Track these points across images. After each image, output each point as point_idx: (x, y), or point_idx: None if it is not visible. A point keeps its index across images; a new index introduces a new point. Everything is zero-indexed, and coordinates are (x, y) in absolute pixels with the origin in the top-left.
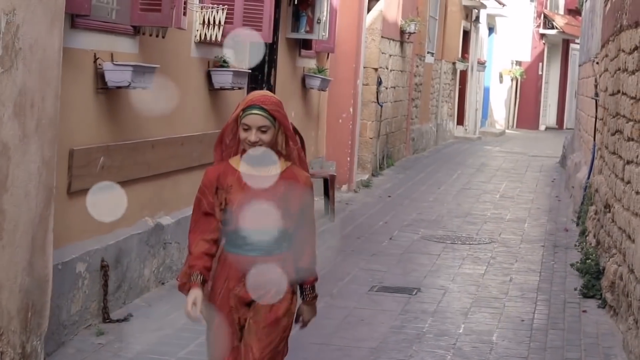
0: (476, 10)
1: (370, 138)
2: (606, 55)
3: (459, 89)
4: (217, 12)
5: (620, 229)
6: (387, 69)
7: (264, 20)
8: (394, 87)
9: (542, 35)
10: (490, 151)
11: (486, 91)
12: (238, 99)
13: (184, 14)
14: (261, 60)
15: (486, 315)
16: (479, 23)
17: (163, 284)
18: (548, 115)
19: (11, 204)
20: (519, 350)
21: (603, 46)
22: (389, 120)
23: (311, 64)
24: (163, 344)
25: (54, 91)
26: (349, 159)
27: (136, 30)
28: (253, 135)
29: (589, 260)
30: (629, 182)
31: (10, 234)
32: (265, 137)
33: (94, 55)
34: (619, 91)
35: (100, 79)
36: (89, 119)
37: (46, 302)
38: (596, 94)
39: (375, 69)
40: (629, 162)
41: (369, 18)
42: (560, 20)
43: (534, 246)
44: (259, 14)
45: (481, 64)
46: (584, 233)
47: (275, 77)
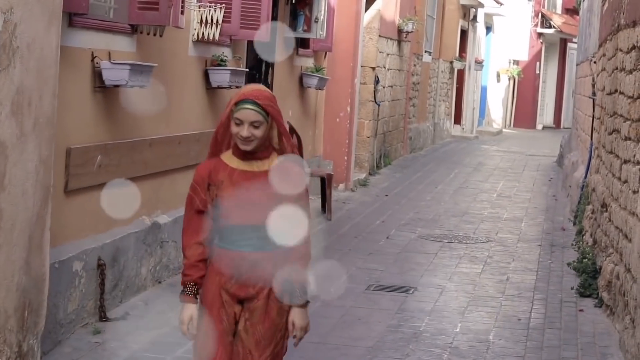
0: (474, 9)
1: (368, 137)
2: (604, 55)
3: (457, 88)
4: (215, 11)
5: (617, 228)
6: (385, 68)
7: (261, 19)
8: (392, 86)
9: (540, 35)
10: (488, 150)
11: (483, 90)
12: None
13: (182, 12)
14: (259, 59)
15: (483, 314)
16: (477, 22)
17: (160, 282)
18: (545, 114)
19: (8, 202)
20: (516, 349)
21: (601, 45)
22: (387, 119)
23: (309, 62)
24: (160, 343)
25: (51, 90)
26: (346, 157)
27: (134, 29)
28: (245, 131)
29: (586, 260)
30: (626, 182)
31: (8, 233)
32: (258, 133)
33: (92, 54)
34: (616, 90)
35: (97, 78)
36: (86, 117)
37: (43, 301)
38: (593, 93)
39: (373, 68)
40: (626, 162)
41: (367, 17)
42: (557, 20)
43: (530, 245)
44: (256, 12)
45: (479, 63)
46: (580, 232)
47: (272, 76)
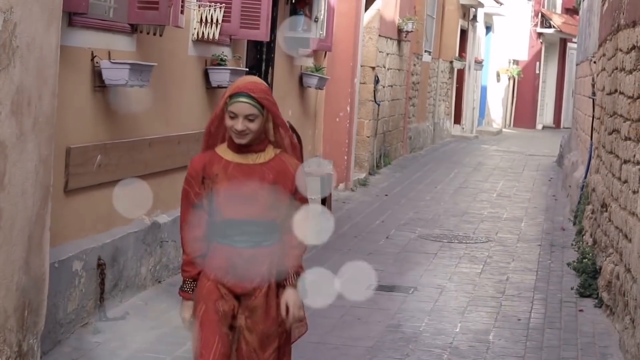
0: (474, 9)
1: (368, 137)
2: (603, 55)
3: (456, 88)
4: (215, 11)
5: (617, 228)
6: (385, 67)
7: (261, 18)
8: (391, 86)
9: (540, 34)
10: (487, 150)
11: (483, 90)
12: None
13: (182, 12)
14: (258, 59)
15: (483, 314)
16: (477, 22)
17: (160, 282)
18: (545, 114)
19: (8, 202)
20: (516, 349)
21: (600, 45)
22: (386, 119)
23: (308, 62)
24: (160, 343)
25: (51, 89)
26: (346, 157)
27: (133, 29)
28: (240, 124)
29: (586, 260)
30: (625, 182)
31: (7, 232)
32: (253, 126)
33: (92, 54)
34: (616, 90)
35: (97, 77)
36: (86, 117)
37: (43, 301)
38: (593, 93)
39: (373, 68)
40: (626, 162)
41: (367, 17)
42: (557, 19)
43: (530, 245)
44: (256, 12)
45: (478, 63)
46: (580, 232)
47: (272, 76)
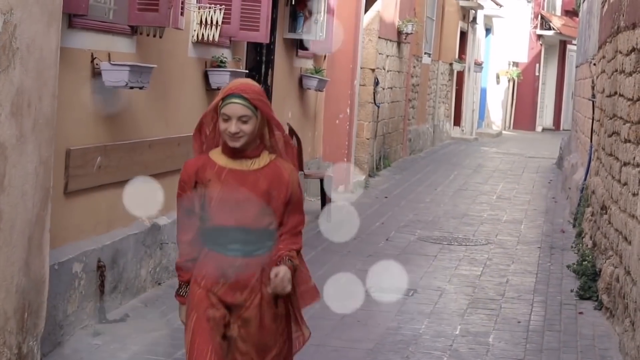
0: (473, 11)
1: (367, 139)
2: (603, 57)
3: (456, 90)
4: (215, 12)
5: (616, 230)
6: (384, 69)
7: (261, 20)
8: (391, 88)
9: (539, 36)
10: (487, 152)
11: (483, 92)
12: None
13: (182, 13)
14: (258, 61)
15: (482, 317)
16: (476, 24)
17: (159, 284)
18: (545, 116)
19: (8, 204)
20: (515, 351)
21: (600, 47)
22: (386, 121)
23: (308, 64)
24: (159, 345)
25: (51, 91)
26: (345, 159)
27: (133, 30)
28: (233, 126)
29: (586, 262)
30: (625, 184)
31: (7, 234)
32: (247, 128)
33: (91, 55)
34: (616, 93)
35: (97, 79)
36: (85, 118)
37: (42, 303)
38: (593, 96)
39: (373, 70)
40: (625, 164)
41: (366, 18)
42: (557, 22)
43: (530, 247)
44: (256, 14)
45: (478, 65)
46: (580, 235)
47: (272, 78)
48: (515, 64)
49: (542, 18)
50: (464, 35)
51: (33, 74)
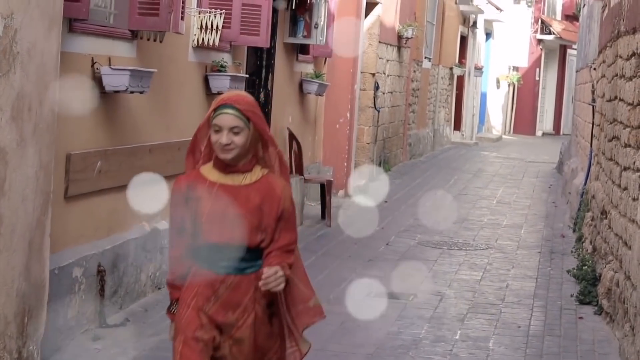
0: (473, 16)
1: (368, 143)
2: (603, 61)
3: (456, 95)
4: (215, 17)
5: (616, 235)
6: (385, 74)
7: (261, 25)
8: (391, 92)
9: (540, 41)
10: (487, 157)
11: (483, 96)
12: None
13: (182, 18)
14: (259, 65)
15: (482, 322)
16: (477, 28)
17: (160, 289)
18: (545, 120)
19: (8, 208)
20: (515, 356)
21: (600, 52)
22: (386, 125)
23: (308, 68)
24: (159, 349)
25: (51, 95)
26: (346, 164)
27: (134, 35)
28: (224, 137)
29: (586, 267)
30: (625, 189)
31: (7, 239)
32: (238, 140)
33: (92, 60)
34: (616, 97)
35: (97, 83)
36: (86, 123)
37: (43, 307)
38: (593, 100)
39: (373, 74)
40: (625, 169)
41: (367, 23)
42: (557, 26)
43: (530, 252)
44: (256, 18)
45: (478, 70)
46: (580, 239)
47: (272, 82)
48: (516, 69)
49: (543, 22)
50: (464, 39)
51: (33, 79)
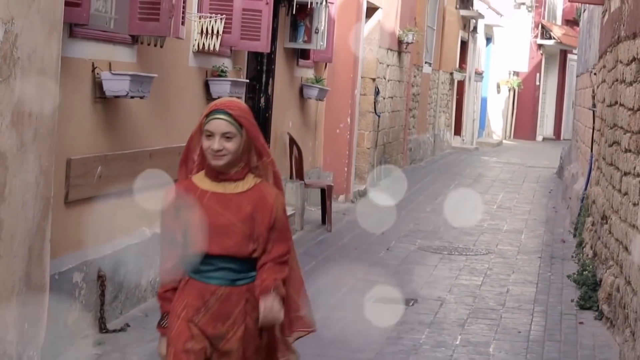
0: (474, 21)
1: (368, 148)
2: (604, 66)
3: (457, 99)
4: (215, 22)
5: (617, 240)
6: (385, 79)
7: (262, 29)
8: (392, 97)
9: (540, 46)
10: (488, 162)
11: (483, 101)
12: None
13: (182, 23)
14: (259, 70)
15: (483, 327)
16: (477, 33)
17: None
18: (545, 125)
19: (8, 213)
20: None
21: (601, 57)
22: (387, 130)
23: (309, 73)
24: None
25: (51, 100)
26: (346, 169)
27: (134, 40)
28: (216, 143)
29: (586, 272)
30: (626, 194)
31: (7, 244)
32: (230, 146)
33: (92, 65)
34: (616, 102)
35: (98, 88)
36: (86, 128)
37: (43, 313)
38: (594, 105)
39: (373, 79)
40: (626, 174)
41: (367, 28)
42: (557, 31)
43: (530, 257)
44: (257, 23)
45: (479, 74)
46: (580, 244)
47: (273, 87)
48: (516, 74)
49: (543, 27)
50: (464, 44)
51: (34, 84)
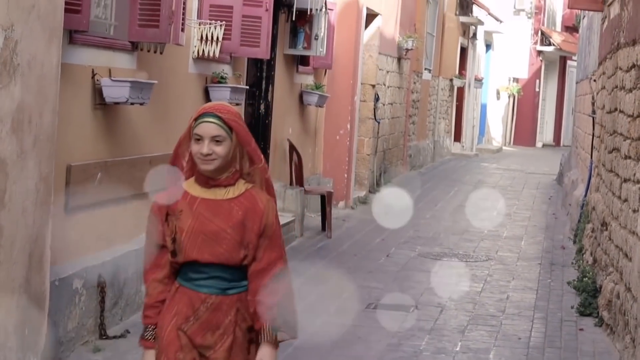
0: (473, 27)
1: (368, 154)
2: (603, 73)
3: (456, 106)
4: (215, 28)
5: (617, 247)
6: (385, 85)
7: (261, 36)
8: (391, 104)
9: (540, 52)
10: (487, 168)
11: (483, 108)
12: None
13: (182, 30)
14: (259, 77)
15: (483, 333)
16: (476, 40)
17: None
18: (545, 132)
19: (8, 220)
20: None
21: (600, 63)
22: (386, 136)
23: (309, 80)
24: None
25: (51, 107)
26: (346, 175)
27: (134, 46)
28: (205, 147)
29: (586, 278)
30: (625, 200)
31: (8, 251)
32: (220, 150)
33: (92, 71)
34: (616, 109)
35: (98, 95)
36: (86, 134)
37: (43, 319)
38: (593, 112)
39: (373, 86)
40: (626, 180)
41: (367, 34)
42: (557, 37)
43: (530, 264)
44: (256, 30)
45: (478, 81)
46: (580, 251)
47: (272, 94)
48: (516, 80)
49: (542, 34)
50: (464, 51)
51: (34, 90)
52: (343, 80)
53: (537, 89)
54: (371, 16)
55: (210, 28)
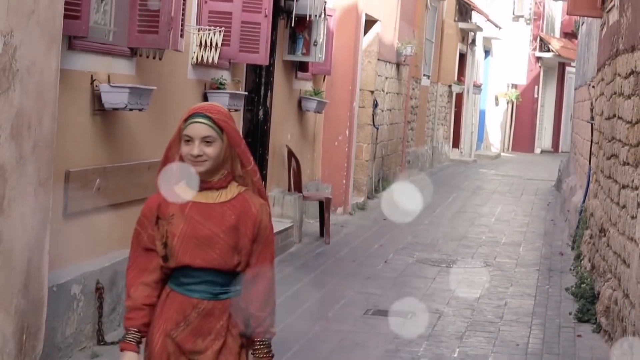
0: (472, 33)
1: (366, 160)
2: (602, 79)
3: (455, 112)
4: (214, 34)
5: (615, 253)
6: (383, 91)
7: (260, 42)
8: (390, 110)
9: (538, 59)
10: (486, 174)
11: (482, 114)
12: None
13: (181, 35)
14: (257, 83)
15: (481, 340)
16: (475, 46)
17: None
18: (543, 138)
19: (7, 225)
20: None
21: (599, 70)
22: (385, 142)
23: (307, 86)
24: None
25: (50, 113)
26: (344, 181)
27: (133, 52)
28: (196, 148)
29: (584, 285)
30: (624, 207)
31: (6, 256)
32: (211, 151)
33: (91, 77)
34: (614, 115)
35: (97, 101)
36: (85, 140)
37: (41, 325)
38: (592, 118)
39: (372, 92)
40: (624, 187)
41: (366, 40)
42: (556, 44)
43: (529, 270)
44: (255, 36)
45: (477, 87)
46: (579, 257)
47: (271, 99)
48: (514, 86)
49: (541, 40)
50: (463, 57)
51: (33, 96)
52: (342, 86)
53: (536, 95)
54: (370, 22)
55: (209, 34)
